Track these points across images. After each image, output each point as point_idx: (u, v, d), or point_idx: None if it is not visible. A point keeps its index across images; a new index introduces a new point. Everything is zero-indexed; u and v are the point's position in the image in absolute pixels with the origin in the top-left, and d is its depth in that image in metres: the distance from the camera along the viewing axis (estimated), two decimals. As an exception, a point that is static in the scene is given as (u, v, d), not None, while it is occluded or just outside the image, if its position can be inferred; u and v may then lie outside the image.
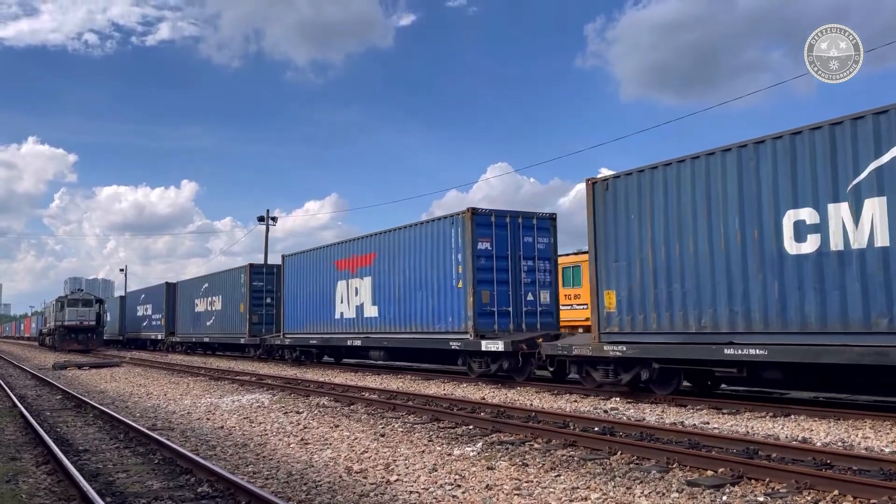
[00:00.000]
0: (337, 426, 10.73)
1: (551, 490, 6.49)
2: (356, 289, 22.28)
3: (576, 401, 13.35)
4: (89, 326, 46.17)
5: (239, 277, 31.96)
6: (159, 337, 43.10)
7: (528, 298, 17.86)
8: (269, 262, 33.75)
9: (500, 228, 17.64)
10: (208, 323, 35.54)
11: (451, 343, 17.47)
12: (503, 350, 16.03)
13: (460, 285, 17.37)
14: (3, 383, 19.20)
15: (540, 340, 15.66)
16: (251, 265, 31.30)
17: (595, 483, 6.68)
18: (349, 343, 22.41)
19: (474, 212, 17.29)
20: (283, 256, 28.48)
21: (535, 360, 15.92)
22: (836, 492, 5.99)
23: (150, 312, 45.82)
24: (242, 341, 30.97)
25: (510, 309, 17.45)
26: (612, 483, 6.67)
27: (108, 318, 55.86)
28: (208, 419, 12.01)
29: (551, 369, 16.32)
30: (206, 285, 36.26)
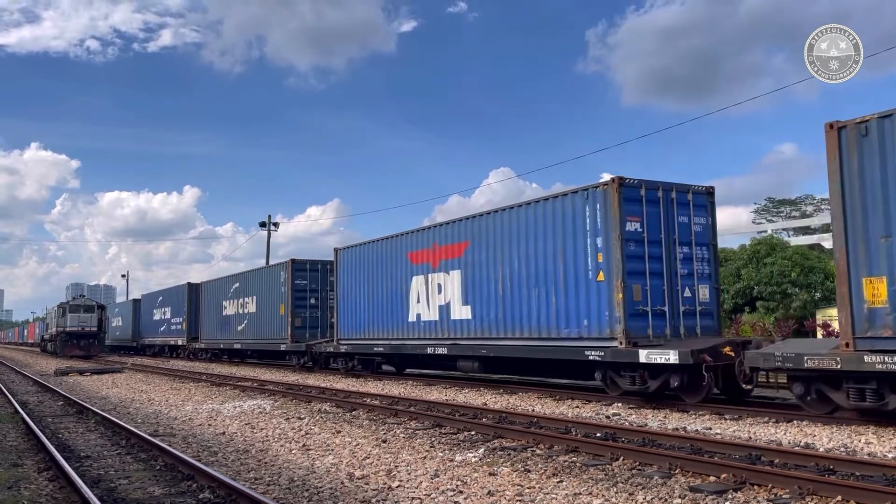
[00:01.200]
0: (339, 432, 10.72)
1: (553, 496, 6.47)
2: (439, 285, 18.60)
3: (578, 406, 13.32)
4: (91, 332, 46.15)
5: (278, 275, 28.20)
6: (180, 343, 39.77)
7: (686, 295, 14.17)
8: (313, 259, 28.18)
9: (652, 205, 14.00)
10: (239, 327, 31.68)
11: (587, 353, 13.81)
12: (677, 362, 12.17)
13: (601, 278, 13.84)
14: (5, 389, 19.21)
15: (728, 349, 12.36)
16: (293, 261, 27.40)
17: (597, 489, 6.67)
18: (430, 351, 18.71)
19: (622, 182, 13.66)
20: (336, 250, 24.39)
21: (739, 375, 12.39)
22: (839, 497, 5.97)
23: (168, 316, 42.47)
24: (283, 348, 27.24)
25: (666, 308, 13.86)
26: (615, 489, 6.66)
27: (121, 323, 53.56)
28: (210, 425, 12.00)
29: (748, 387, 12.93)
30: (237, 285, 32.42)
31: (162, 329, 43.64)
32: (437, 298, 18.67)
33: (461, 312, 17.74)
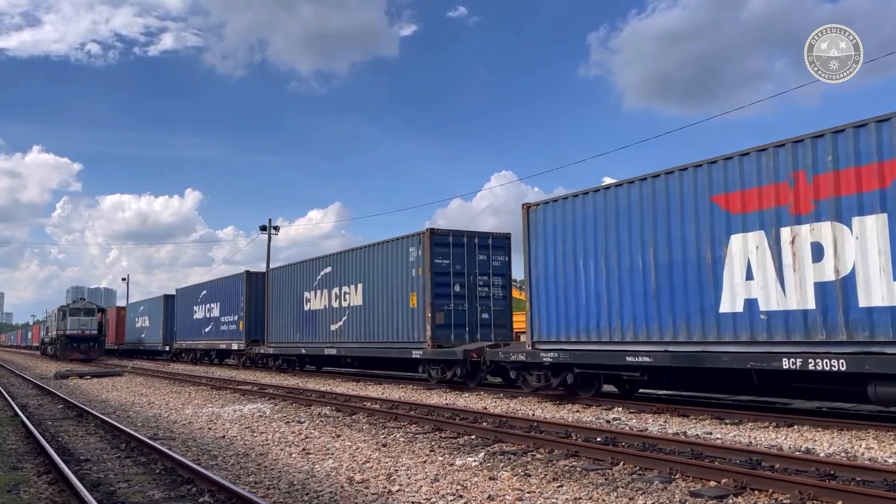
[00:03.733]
0: (339, 436, 10.71)
1: (554, 501, 6.46)
2: (815, 248, 10.60)
3: (578, 411, 13.31)
4: (91, 335, 46.15)
5: (404, 253, 20.36)
6: (234, 346, 32.00)
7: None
8: (457, 230, 20.51)
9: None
10: (334, 326, 24.14)
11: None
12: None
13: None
14: (5, 392, 19.20)
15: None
16: (432, 232, 19.50)
17: (597, 494, 6.66)
18: (803, 365, 10.40)
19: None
20: (527, 207, 15.85)
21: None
22: (839, 502, 5.96)
23: (216, 314, 34.60)
24: (418, 355, 19.25)
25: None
26: (615, 494, 6.65)
27: (147, 324, 46.94)
28: (210, 429, 11.99)
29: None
30: (328, 271, 24.87)
31: (207, 330, 35.74)
32: (807, 273, 10.71)
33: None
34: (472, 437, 10.23)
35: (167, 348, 42.59)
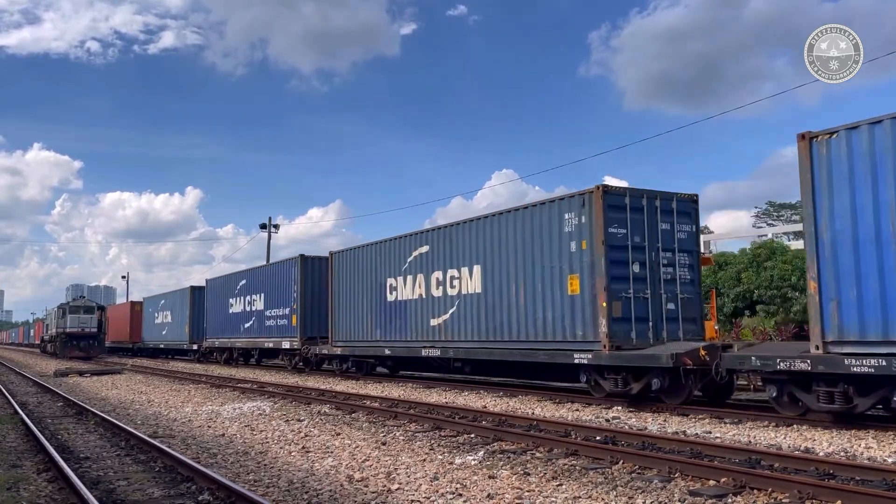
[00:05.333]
0: (338, 434, 10.71)
1: (553, 499, 6.47)
2: None
3: (577, 410, 13.31)
4: (91, 333, 46.16)
5: (557, 220, 14.96)
6: (286, 345, 26.64)
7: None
8: (635, 188, 14.91)
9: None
10: (435, 321, 18.73)
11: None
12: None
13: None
14: (4, 390, 19.21)
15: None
16: (605, 189, 14.15)
17: (597, 493, 6.66)
18: None
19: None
20: (809, 139, 10.76)
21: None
22: (838, 502, 5.97)
23: (259, 307, 29.52)
24: (584, 359, 14.01)
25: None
26: (614, 493, 6.65)
27: (169, 319, 41.82)
28: (209, 427, 12.00)
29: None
30: (423, 251, 19.52)
31: (247, 326, 30.49)
32: None
33: None
34: (472, 435, 10.23)
35: (194, 347, 37.34)
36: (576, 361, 14.13)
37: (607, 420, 11.76)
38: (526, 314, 15.72)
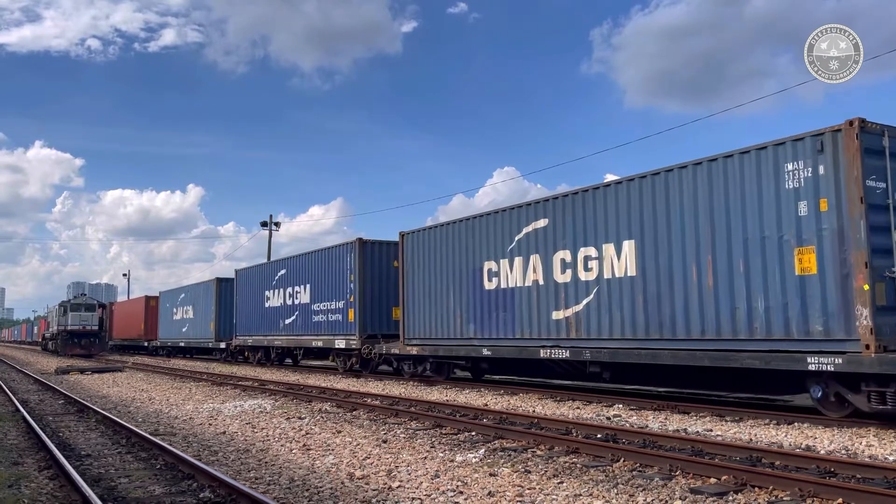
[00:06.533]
0: (339, 432, 10.72)
1: (554, 497, 6.47)
2: None
3: (578, 408, 13.32)
4: (92, 331, 46.23)
5: (771, 172, 11.13)
6: (340, 344, 22.87)
7: None
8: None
9: None
10: (559, 314, 14.93)
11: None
12: None
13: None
14: (5, 388, 19.24)
15: None
16: (862, 123, 10.12)
17: (598, 490, 6.66)
18: None
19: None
20: None
21: None
22: (839, 500, 5.97)
23: (303, 300, 25.69)
24: (824, 364, 10.08)
25: None
26: (615, 490, 6.65)
27: (191, 315, 38.22)
28: (210, 424, 12.01)
29: None
30: (540, 225, 15.57)
31: (289, 322, 26.89)
32: None
33: None
34: (473, 433, 10.24)
35: (221, 346, 33.73)
36: (811, 368, 10.24)
37: (608, 418, 11.76)
38: (717, 303, 11.84)
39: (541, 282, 15.47)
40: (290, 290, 26.94)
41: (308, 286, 25.48)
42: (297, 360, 29.15)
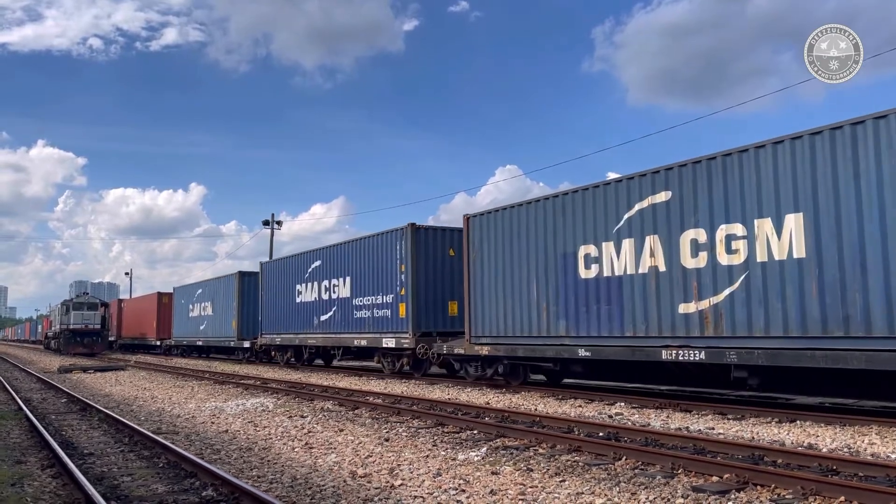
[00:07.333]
0: (341, 430, 10.73)
1: (556, 495, 6.47)
2: None
3: (580, 406, 13.32)
4: (94, 330, 46.28)
5: None
6: (389, 343, 20.31)
7: None
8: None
9: None
10: (687, 307, 12.28)
11: None
12: None
13: None
14: (8, 386, 19.28)
15: None
16: None
17: (600, 489, 6.67)
18: None
19: None
20: None
21: None
22: (842, 498, 5.96)
23: (344, 294, 23.08)
24: None
25: None
26: (617, 489, 6.65)
27: (210, 312, 35.46)
28: (213, 423, 12.02)
29: None
30: (659, 200, 12.96)
31: (325, 319, 24.26)
32: None
33: None
34: (475, 431, 10.24)
35: (245, 345, 31.29)
36: None
37: (610, 416, 11.76)
38: None
39: (661, 268, 12.82)
40: (325, 283, 24.31)
41: (348, 279, 22.82)
42: (331, 360, 26.80)
